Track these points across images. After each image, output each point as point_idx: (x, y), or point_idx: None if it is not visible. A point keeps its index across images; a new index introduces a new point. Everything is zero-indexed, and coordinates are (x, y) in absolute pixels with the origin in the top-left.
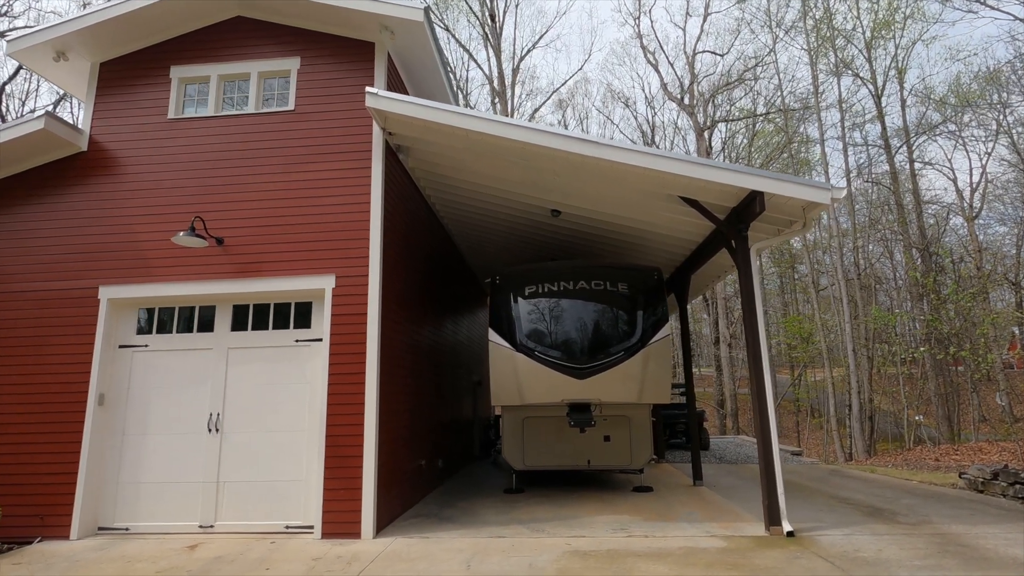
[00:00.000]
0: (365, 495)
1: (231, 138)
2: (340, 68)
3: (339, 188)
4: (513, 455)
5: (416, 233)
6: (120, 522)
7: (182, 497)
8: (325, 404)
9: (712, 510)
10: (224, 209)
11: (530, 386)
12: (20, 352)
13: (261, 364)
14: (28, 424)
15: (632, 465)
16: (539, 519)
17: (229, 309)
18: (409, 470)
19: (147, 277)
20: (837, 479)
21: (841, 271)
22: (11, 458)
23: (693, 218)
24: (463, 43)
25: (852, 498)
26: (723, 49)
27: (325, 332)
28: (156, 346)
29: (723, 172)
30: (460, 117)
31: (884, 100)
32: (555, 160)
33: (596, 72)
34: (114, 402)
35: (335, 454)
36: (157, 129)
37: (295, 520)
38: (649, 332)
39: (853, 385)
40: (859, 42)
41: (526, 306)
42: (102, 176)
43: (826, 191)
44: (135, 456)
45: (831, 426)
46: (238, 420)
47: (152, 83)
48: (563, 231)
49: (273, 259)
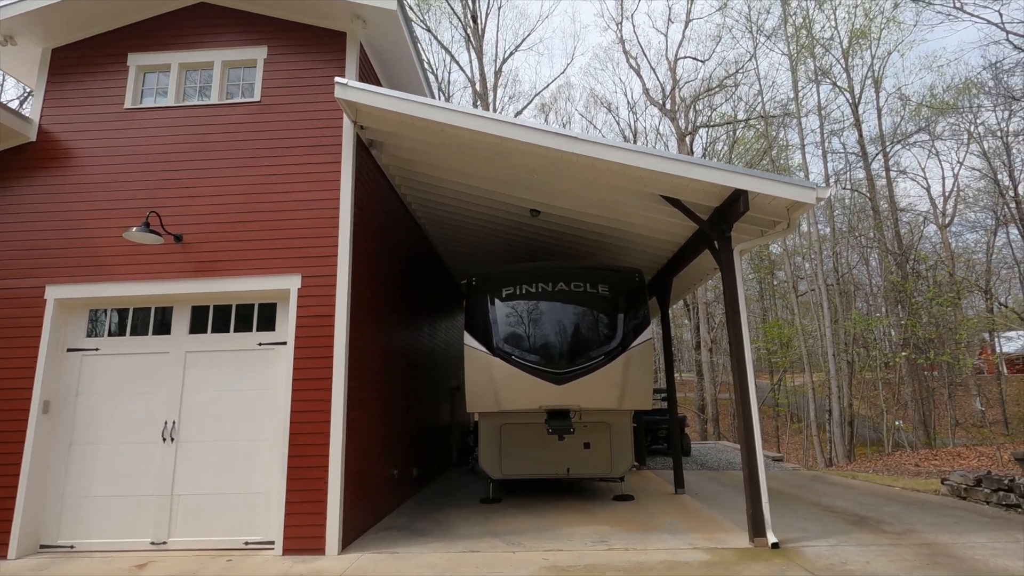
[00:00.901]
0: (330, 508)
1: (192, 130)
2: (310, 59)
3: (307, 184)
4: (490, 463)
5: (390, 233)
6: (64, 539)
7: (133, 512)
8: (289, 411)
9: (694, 520)
10: (183, 204)
11: (507, 392)
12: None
13: (221, 369)
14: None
15: (612, 473)
16: (516, 531)
17: (187, 310)
18: (380, 480)
19: (99, 276)
20: (819, 485)
21: (821, 276)
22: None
23: (675, 218)
24: (445, 45)
25: (836, 506)
26: (705, 55)
27: (290, 335)
28: (108, 349)
29: (706, 170)
30: (434, 110)
31: (861, 108)
32: (533, 156)
33: (579, 77)
34: (60, 410)
35: (298, 464)
36: (112, 119)
37: (255, 535)
38: (630, 335)
39: (833, 390)
40: (837, 51)
41: (503, 308)
42: (52, 168)
43: (811, 191)
44: (82, 468)
45: (811, 431)
46: (195, 428)
47: (109, 71)
48: (543, 232)
49: (235, 257)
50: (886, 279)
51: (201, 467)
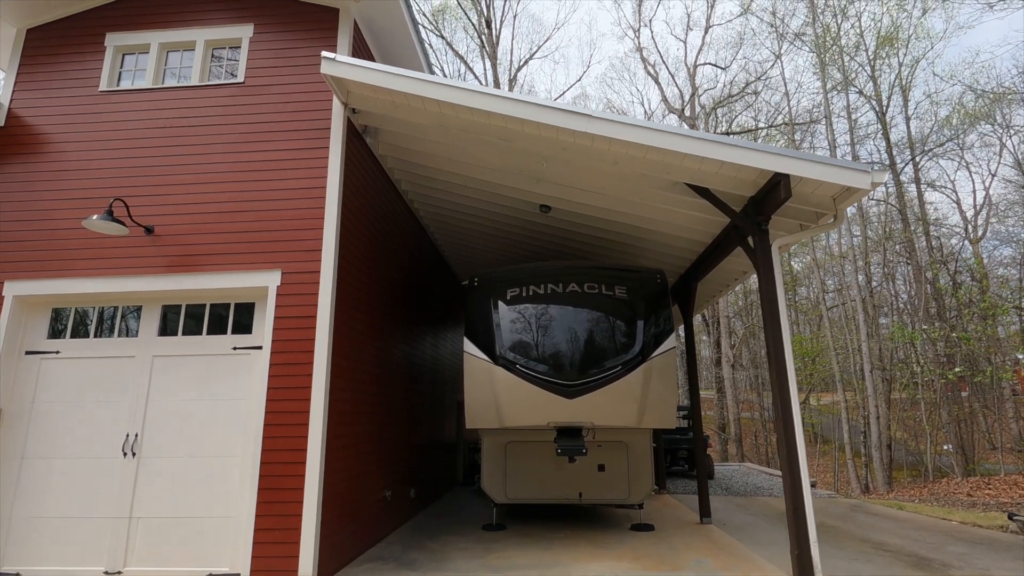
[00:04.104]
0: (304, 537)
1: (169, 113)
2: (299, 37)
3: (291, 171)
4: (494, 486)
5: (386, 230)
6: (10, 566)
7: (87, 536)
8: (261, 425)
9: (725, 557)
10: (157, 194)
11: (511, 406)
12: None
13: (191, 376)
14: None
15: (630, 500)
16: (517, 567)
17: (158, 310)
18: (369, 503)
19: (63, 271)
20: (863, 516)
21: (857, 287)
22: None
23: (703, 212)
24: (461, 54)
25: (888, 543)
26: (725, 61)
27: (266, 338)
28: (69, 352)
29: (742, 151)
30: (427, 85)
31: (888, 116)
32: (542, 142)
33: (595, 87)
34: (14, 419)
35: (271, 486)
36: (85, 103)
37: (220, 566)
38: (651, 344)
39: (871, 410)
40: (862, 58)
41: (507, 312)
42: (19, 155)
43: (865, 174)
44: (35, 485)
45: (845, 454)
46: (159, 442)
47: (85, 52)
48: (554, 231)
49: (210, 251)
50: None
51: (164, 486)
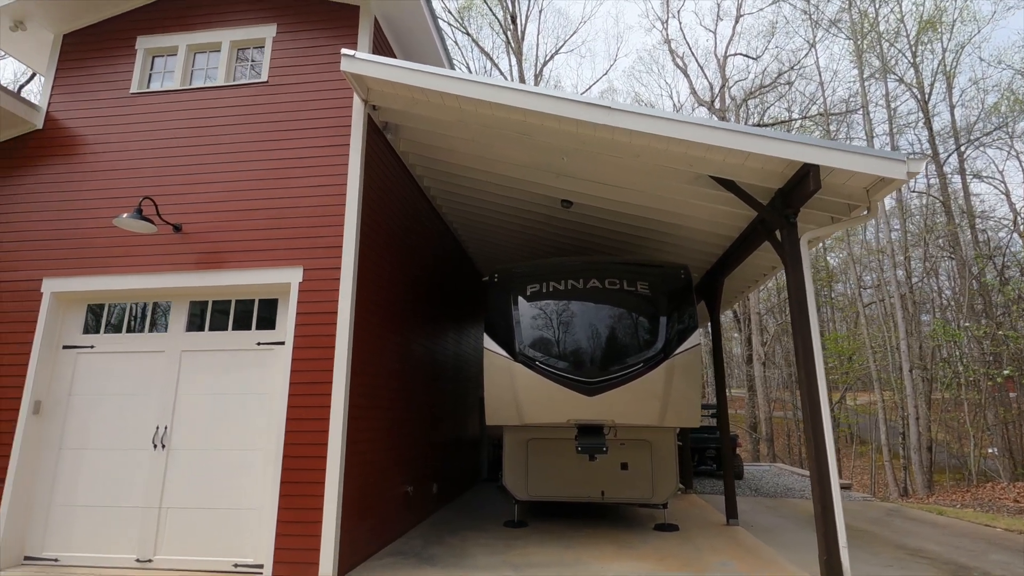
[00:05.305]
0: (325, 530)
1: (196, 114)
2: (320, 35)
3: (312, 169)
4: (515, 483)
5: (408, 226)
6: (50, 551)
7: (120, 524)
8: (284, 419)
9: (751, 560)
10: (185, 192)
11: (530, 403)
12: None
13: (217, 370)
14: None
15: (654, 499)
16: (537, 564)
17: (186, 306)
18: (390, 498)
19: (97, 268)
20: (900, 521)
21: (895, 283)
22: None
23: (728, 206)
24: (486, 51)
25: (925, 549)
26: (757, 51)
27: (289, 334)
28: (103, 347)
29: (768, 142)
30: (445, 80)
31: (931, 104)
32: (563, 136)
33: (622, 81)
34: (52, 411)
35: (293, 479)
36: (117, 105)
37: (245, 557)
38: (674, 341)
39: (910, 411)
40: (902, 44)
41: (527, 308)
42: (56, 156)
43: (900, 164)
44: (71, 474)
45: (882, 456)
46: (187, 435)
47: (117, 55)
48: (577, 226)
49: (235, 248)
50: (964, 288)
51: (192, 478)
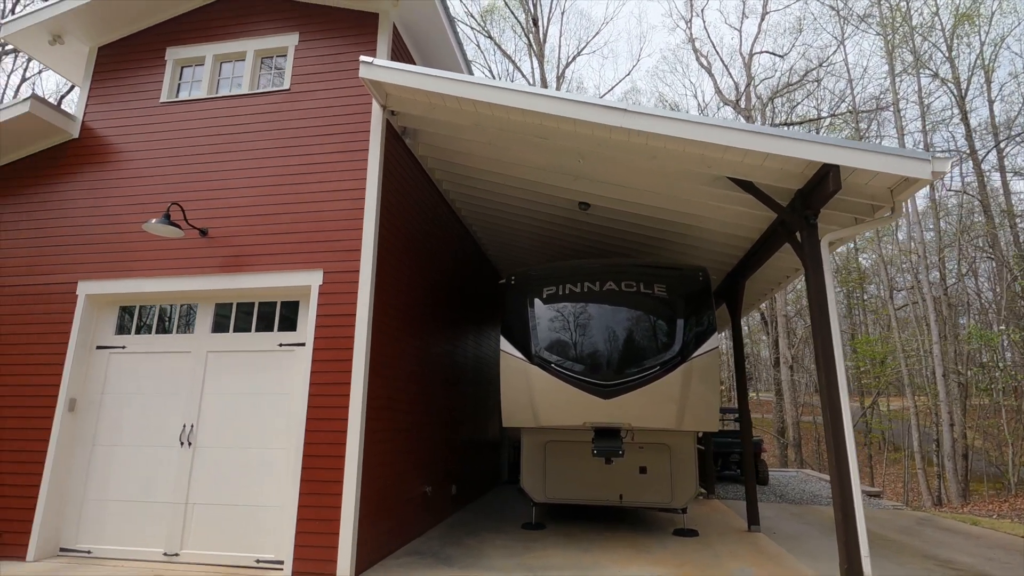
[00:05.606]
0: (343, 529)
1: (222, 121)
2: (341, 43)
3: (332, 174)
4: (533, 485)
5: (428, 230)
6: (83, 544)
7: (148, 519)
8: (304, 419)
9: (772, 567)
10: (211, 198)
11: (546, 405)
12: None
13: (241, 370)
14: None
15: (673, 503)
16: (554, 567)
17: (211, 308)
18: (408, 499)
19: (128, 272)
20: (931, 531)
21: (927, 285)
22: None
23: (748, 207)
24: (509, 54)
25: (956, 560)
26: (783, 50)
27: (309, 335)
28: (134, 348)
29: (785, 142)
30: (462, 85)
31: (968, 100)
32: (579, 139)
33: (645, 81)
34: (86, 408)
35: (312, 478)
36: (148, 114)
37: (267, 553)
38: (691, 344)
39: (944, 416)
40: (936, 38)
41: (544, 311)
42: (91, 164)
43: (924, 163)
44: (103, 470)
45: (915, 463)
46: (212, 433)
47: (148, 66)
48: (596, 228)
49: (259, 252)
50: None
51: (217, 475)
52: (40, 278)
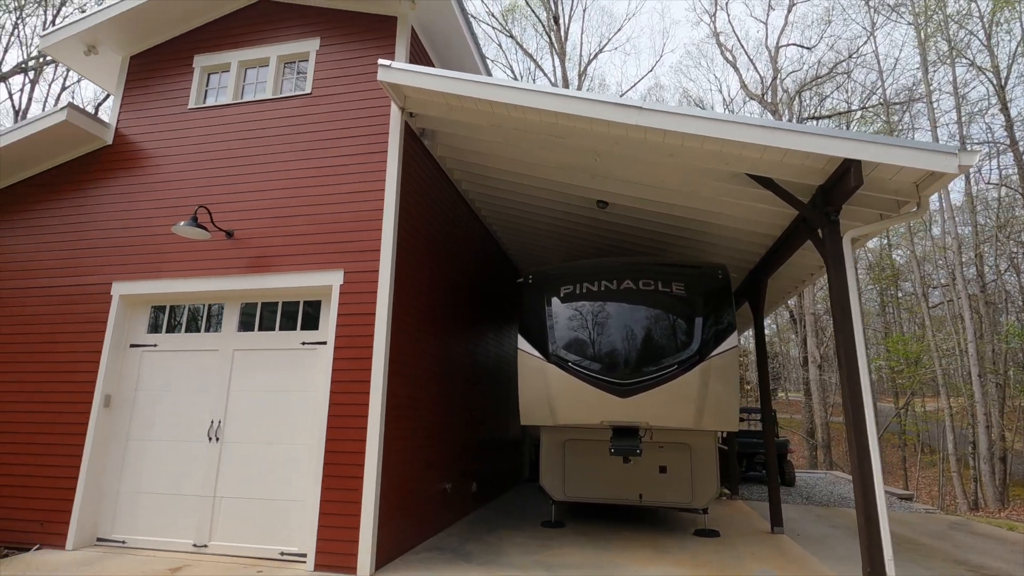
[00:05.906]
0: (363, 523)
1: (247, 126)
2: (360, 46)
3: (353, 175)
4: (552, 483)
5: (446, 230)
6: (118, 534)
7: (179, 511)
8: (326, 416)
9: (794, 570)
10: (236, 200)
11: (563, 404)
12: (32, 350)
13: (265, 368)
14: (34, 424)
15: (693, 503)
16: (572, 565)
17: (237, 308)
18: (428, 496)
19: (158, 272)
20: (963, 536)
21: (962, 283)
22: (16, 458)
23: (768, 204)
24: (530, 53)
25: (988, 566)
26: (811, 42)
27: (330, 334)
28: (165, 346)
29: (804, 137)
30: (478, 86)
31: (1008, 89)
32: (595, 137)
33: (669, 76)
34: (120, 404)
35: (334, 474)
36: (176, 120)
37: (291, 546)
38: (710, 343)
39: (980, 418)
40: (973, 26)
41: (561, 310)
42: (124, 170)
43: (951, 156)
44: (137, 463)
45: (949, 466)
46: (238, 429)
47: (177, 73)
48: (615, 227)
49: (282, 253)
50: None
51: (243, 469)
52: (77, 279)
